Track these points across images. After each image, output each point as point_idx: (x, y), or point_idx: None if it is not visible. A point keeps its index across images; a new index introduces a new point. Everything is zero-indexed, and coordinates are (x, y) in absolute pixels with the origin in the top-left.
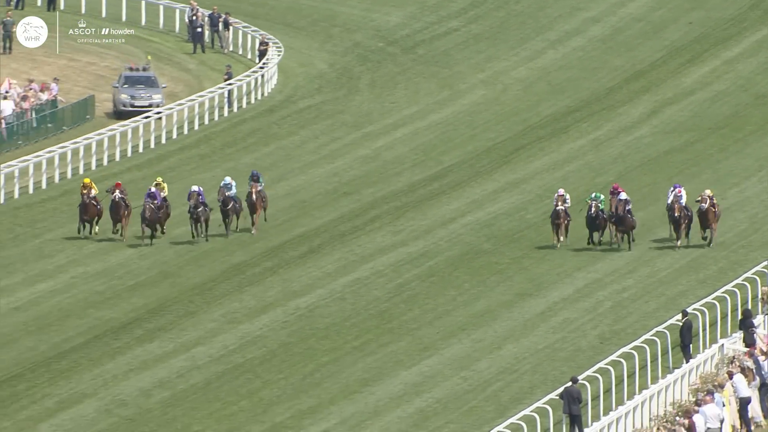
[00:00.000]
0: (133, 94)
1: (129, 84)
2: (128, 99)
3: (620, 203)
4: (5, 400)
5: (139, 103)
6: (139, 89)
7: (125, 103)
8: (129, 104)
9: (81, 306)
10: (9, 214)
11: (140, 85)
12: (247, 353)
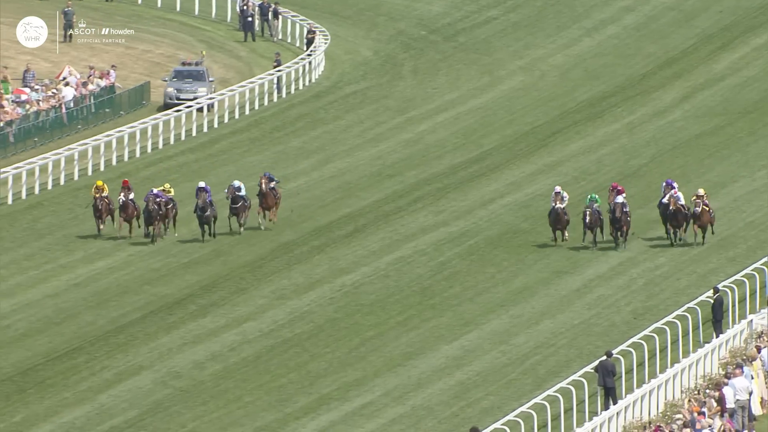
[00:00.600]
0: (179, 88)
1: (178, 78)
2: (174, 92)
3: (617, 205)
4: (66, 372)
5: (183, 96)
6: (185, 83)
7: (171, 95)
8: (174, 97)
9: (137, 282)
10: (69, 195)
11: (188, 79)
12: (296, 328)
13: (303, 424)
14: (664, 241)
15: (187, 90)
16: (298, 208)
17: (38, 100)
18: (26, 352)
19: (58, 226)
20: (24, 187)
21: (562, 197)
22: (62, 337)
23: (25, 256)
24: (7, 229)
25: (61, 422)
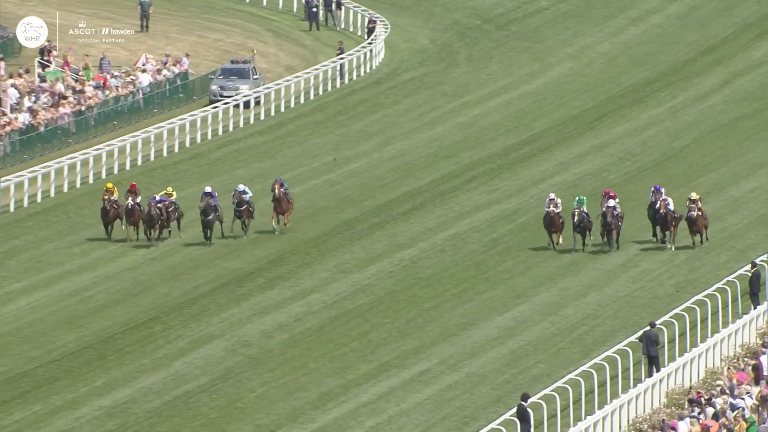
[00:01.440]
0: (223, 85)
1: (224, 75)
2: (217, 89)
3: (609, 209)
4: (143, 340)
5: (226, 93)
6: (229, 81)
7: (215, 92)
8: (218, 93)
9: (209, 257)
10: (146, 175)
11: (233, 77)
12: (357, 300)
13: (364, 390)
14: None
15: (230, 87)
16: (359, 187)
17: (117, 86)
18: (106, 322)
19: None
20: (104, 168)
21: (556, 203)
22: (139, 307)
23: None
24: (89, 207)
25: (139, 387)
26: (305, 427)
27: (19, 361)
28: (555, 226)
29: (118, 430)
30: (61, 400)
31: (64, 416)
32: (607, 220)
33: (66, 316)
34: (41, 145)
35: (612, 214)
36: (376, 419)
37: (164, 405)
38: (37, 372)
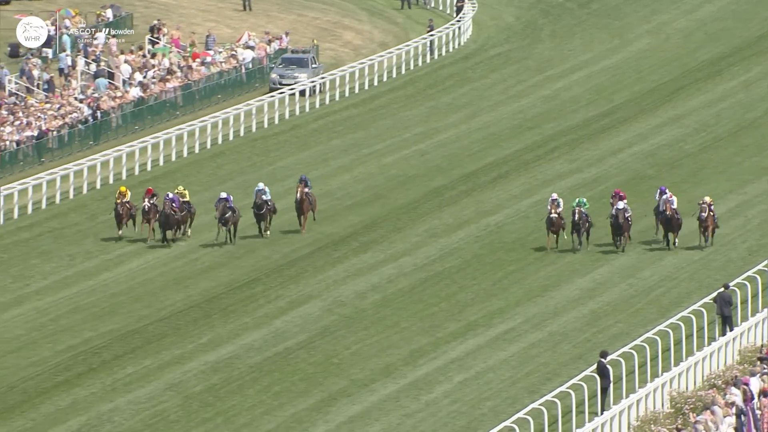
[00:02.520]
0: (282, 74)
1: (284, 64)
2: (277, 78)
3: (620, 211)
4: (245, 300)
5: (285, 81)
6: (288, 69)
7: (274, 81)
8: (277, 82)
9: (308, 222)
10: (248, 146)
11: (292, 66)
12: (446, 262)
13: (452, 347)
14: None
15: (288, 76)
16: (448, 157)
17: (221, 61)
18: (211, 283)
19: (238, 172)
20: (209, 139)
21: (558, 204)
22: (242, 269)
23: (210, 198)
24: (195, 175)
25: (242, 344)
26: (397, 381)
27: (130, 319)
28: (555, 226)
29: (222, 383)
30: (169, 355)
31: (173, 370)
32: (618, 221)
33: (174, 277)
34: (151, 117)
35: (623, 216)
36: (464, 375)
37: (265, 360)
38: (148, 329)
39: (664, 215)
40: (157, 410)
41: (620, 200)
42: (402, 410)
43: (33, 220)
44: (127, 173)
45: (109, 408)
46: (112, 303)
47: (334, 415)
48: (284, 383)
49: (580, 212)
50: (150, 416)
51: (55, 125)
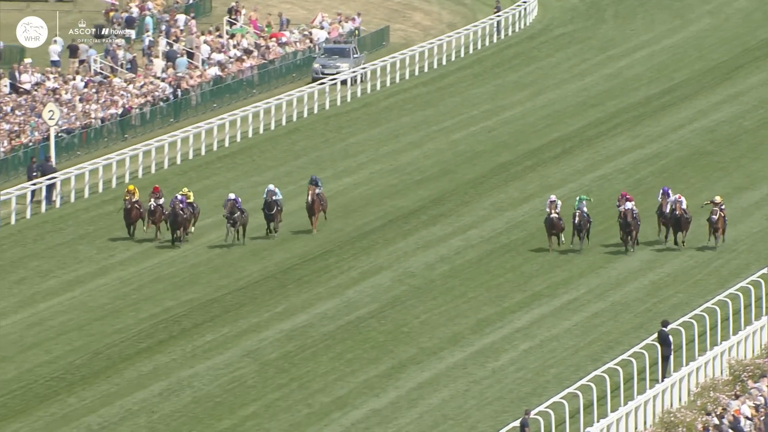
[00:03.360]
0: (324, 63)
1: (326, 54)
2: (319, 67)
3: (628, 211)
4: (319, 270)
5: (327, 71)
6: (330, 59)
7: (317, 70)
8: (320, 72)
9: (378, 196)
10: (321, 123)
11: (334, 56)
12: (512, 235)
13: (518, 316)
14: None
15: (330, 66)
16: (514, 133)
17: (296, 41)
18: (286, 254)
19: (312, 148)
20: (284, 116)
21: (556, 205)
22: (316, 241)
23: (285, 172)
24: (270, 151)
25: (315, 313)
26: (465, 350)
27: (209, 289)
28: (556, 228)
29: (296, 350)
30: (246, 323)
31: (250, 338)
32: (627, 221)
33: (251, 248)
34: (229, 95)
35: (632, 215)
36: (529, 343)
37: (338, 329)
38: (226, 298)
39: (674, 215)
40: (234, 376)
41: (627, 201)
42: (469, 377)
43: (117, 194)
44: (206, 149)
45: (189, 374)
46: (192, 273)
47: (404, 382)
48: (356, 351)
49: (581, 214)
50: (228, 382)
51: (137, 103)
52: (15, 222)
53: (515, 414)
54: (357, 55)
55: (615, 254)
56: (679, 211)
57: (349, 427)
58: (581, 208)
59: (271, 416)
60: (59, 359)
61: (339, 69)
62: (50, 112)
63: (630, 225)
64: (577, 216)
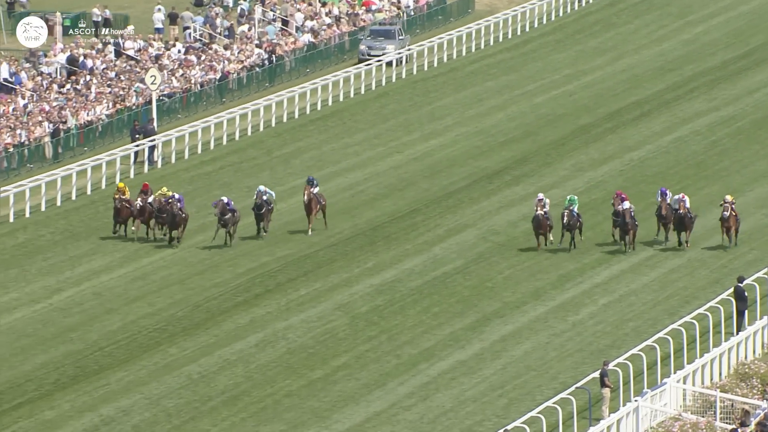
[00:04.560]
0: (370, 45)
1: (372, 36)
2: (365, 49)
3: (625, 211)
4: (407, 228)
5: (373, 52)
6: (376, 41)
7: (363, 52)
8: (366, 53)
9: (463, 157)
10: (409, 87)
11: (380, 37)
12: (592, 195)
13: (597, 272)
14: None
15: (377, 47)
16: (594, 97)
17: (386, 9)
18: (376, 212)
19: (400, 111)
20: (373, 80)
21: (544, 203)
22: (404, 200)
23: (375, 135)
24: (360, 114)
25: (404, 268)
26: (546, 304)
27: (303, 245)
28: (543, 227)
29: (385, 304)
30: (338, 278)
31: (341, 292)
32: (625, 220)
33: (342, 207)
34: (321, 60)
35: (629, 215)
36: (608, 298)
37: (425, 284)
38: (318, 255)
39: (677, 214)
40: (326, 328)
41: (623, 201)
42: (550, 330)
43: (215, 155)
44: (299, 112)
45: (284, 326)
46: (287, 230)
47: (488, 334)
48: (442, 305)
49: (570, 214)
50: (320, 334)
51: (235, 68)
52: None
53: (594, 365)
54: (402, 37)
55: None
56: (682, 210)
57: (435, 377)
58: (570, 208)
59: (361, 366)
60: (161, 311)
61: (385, 50)
62: (152, 77)
63: (628, 225)
64: (566, 216)
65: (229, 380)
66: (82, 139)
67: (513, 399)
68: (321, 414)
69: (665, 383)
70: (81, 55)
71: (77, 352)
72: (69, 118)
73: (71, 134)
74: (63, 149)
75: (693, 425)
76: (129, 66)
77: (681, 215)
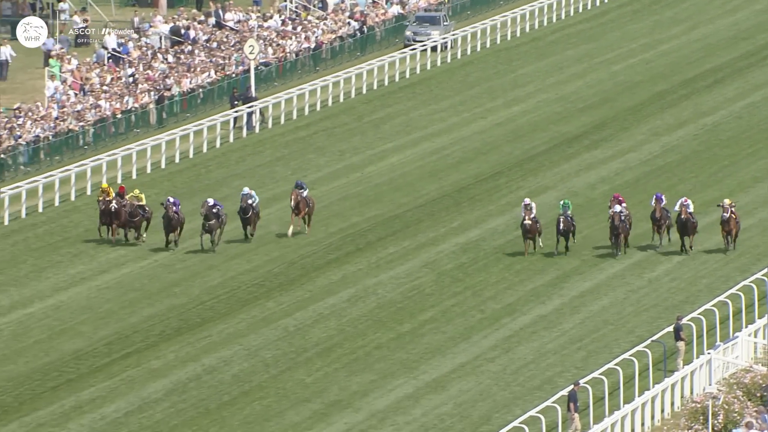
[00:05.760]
0: (415, 31)
1: (417, 22)
2: (411, 35)
3: (616, 214)
4: (490, 190)
5: (418, 38)
6: (422, 27)
7: (408, 38)
8: (411, 39)
9: (544, 122)
10: (493, 56)
11: (425, 24)
12: (667, 158)
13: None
14: None
15: (422, 33)
16: (669, 65)
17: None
18: (461, 175)
19: (484, 79)
20: (459, 50)
21: (531, 209)
22: (488, 163)
23: (460, 101)
24: (447, 82)
25: (487, 228)
26: (623, 261)
27: (392, 206)
28: (531, 233)
29: (470, 262)
30: (425, 237)
31: (428, 250)
32: (615, 224)
33: (429, 169)
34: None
35: (620, 218)
36: (683, 256)
37: (507, 243)
38: (406, 215)
39: (679, 219)
40: (414, 285)
41: (618, 204)
42: (627, 286)
43: (309, 121)
44: (389, 80)
45: (374, 282)
46: (376, 192)
47: (568, 290)
48: (524, 263)
49: (566, 219)
50: (408, 290)
51: (328, 38)
52: (219, 145)
53: (669, 320)
54: (447, 23)
55: (764, 175)
56: (684, 215)
57: (517, 330)
58: (565, 213)
59: (447, 320)
60: (259, 268)
61: (430, 36)
62: (251, 47)
63: (618, 228)
64: (562, 222)
65: (323, 333)
66: (185, 105)
67: (591, 351)
68: (409, 365)
69: (737, 337)
70: (184, 27)
71: (181, 306)
72: (173, 86)
73: (174, 101)
74: (167, 115)
75: (764, 376)
76: (228, 37)
77: (683, 220)
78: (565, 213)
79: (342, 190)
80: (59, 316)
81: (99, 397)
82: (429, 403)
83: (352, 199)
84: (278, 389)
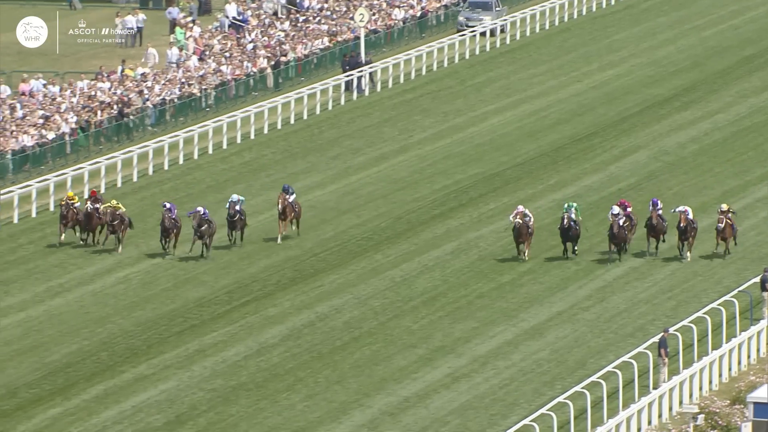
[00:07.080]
0: (468, 16)
1: (470, 7)
2: (463, 20)
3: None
4: (585, 149)
5: (471, 23)
6: (474, 12)
7: (461, 23)
8: (464, 24)
9: (637, 85)
10: (589, 22)
11: (477, 9)
12: (755, 118)
13: (759, 188)
14: None
15: (474, 18)
16: (756, 30)
17: None
18: (557, 135)
19: (580, 44)
20: (556, 17)
21: (524, 214)
22: (583, 125)
23: (557, 66)
24: (545, 48)
25: (583, 185)
26: (712, 216)
27: (492, 165)
28: (522, 237)
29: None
30: (524, 194)
31: (527, 206)
32: (613, 232)
33: (527, 130)
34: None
35: (618, 226)
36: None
37: (601, 199)
38: (506, 173)
39: (679, 228)
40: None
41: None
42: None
43: (415, 84)
44: (490, 46)
45: (476, 236)
46: (478, 151)
47: (660, 244)
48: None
49: (569, 219)
50: (508, 243)
51: (434, 7)
52: (331, 108)
53: (756, 271)
54: (499, 8)
55: None
56: (684, 222)
57: (611, 281)
58: (570, 212)
59: (544, 272)
60: (368, 222)
61: (482, 22)
62: (361, 15)
63: (617, 235)
64: (566, 219)
65: (428, 283)
66: (299, 70)
67: (681, 301)
68: (509, 313)
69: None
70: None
71: (295, 258)
72: (288, 52)
73: (290, 66)
74: (283, 79)
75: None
76: (339, 6)
77: (683, 228)
78: (570, 212)
79: (446, 150)
80: (184, 266)
81: (220, 341)
82: (527, 348)
83: (455, 158)
84: (386, 335)
